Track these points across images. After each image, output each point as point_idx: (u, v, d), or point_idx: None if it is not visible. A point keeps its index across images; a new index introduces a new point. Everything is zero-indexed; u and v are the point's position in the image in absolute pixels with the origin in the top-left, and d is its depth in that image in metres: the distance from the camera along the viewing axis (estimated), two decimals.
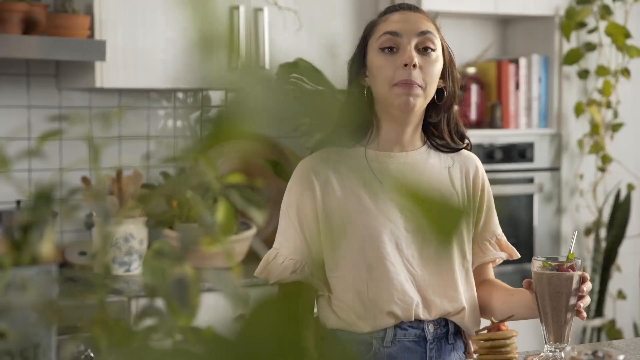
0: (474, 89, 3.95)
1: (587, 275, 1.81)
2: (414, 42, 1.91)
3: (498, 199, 3.86)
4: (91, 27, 3.25)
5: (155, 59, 3.38)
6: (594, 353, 1.30)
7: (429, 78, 1.91)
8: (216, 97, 3.81)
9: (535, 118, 4.01)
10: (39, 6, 3.20)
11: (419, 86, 1.89)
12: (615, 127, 4.05)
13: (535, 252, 3.96)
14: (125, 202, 3.40)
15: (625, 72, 4.00)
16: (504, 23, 4.22)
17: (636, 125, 4.20)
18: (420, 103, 1.92)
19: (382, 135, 1.98)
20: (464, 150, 2.04)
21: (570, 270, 1.78)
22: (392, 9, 1.99)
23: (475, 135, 3.83)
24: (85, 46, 3.14)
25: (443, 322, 1.95)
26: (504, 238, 2.06)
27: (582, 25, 3.98)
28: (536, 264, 1.81)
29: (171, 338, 0.83)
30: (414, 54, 1.90)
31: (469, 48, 4.12)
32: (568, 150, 4.03)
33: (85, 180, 3.38)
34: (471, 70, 3.98)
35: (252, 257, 3.50)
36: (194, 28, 0.55)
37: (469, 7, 3.81)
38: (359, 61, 1.98)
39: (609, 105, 4.03)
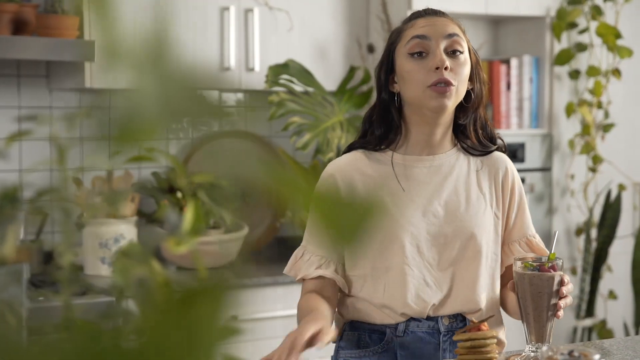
0: None
1: (567, 277, 1.82)
2: (442, 45, 1.93)
3: None
4: (80, 28, 3.26)
5: None
6: (570, 353, 1.30)
7: (460, 79, 1.93)
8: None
9: (527, 118, 4.02)
10: (28, 6, 3.20)
11: (453, 85, 1.91)
12: (607, 128, 4.05)
13: None
14: (116, 203, 3.39)
15: (616, 72, 4.01)
16: (496, 23, 4.22)
17: (627, 126, 4.20)
18: (453, 103, 1.94)
19: (411, 139, 2.00)
20: (496, 152, 2.06)
21: (551, 270, 1.78)
22: (417, 15, 2.01)
23: None
24: (74, 46, 3.14)
25: (460, 317, 1.97)
26: (535, 239, 2.06)
27: (573, 25, 3.98)
28: (518, 265, 1.81)
29: (140, 338, 0.83)
30: (444, 57, 1.92)
31: None
32: (559, 151, 4.04)
33: (76, 180, 3.39)
34: None
35: (242, 258, 3.51)
36: (98, 32, 0.55)
37: (459, 7, 3.81)
38: (387, 67, 2.00)
39: (599, 105, 4.04)
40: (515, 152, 3.92)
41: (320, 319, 1.78)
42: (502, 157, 2.07)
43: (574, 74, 4.01)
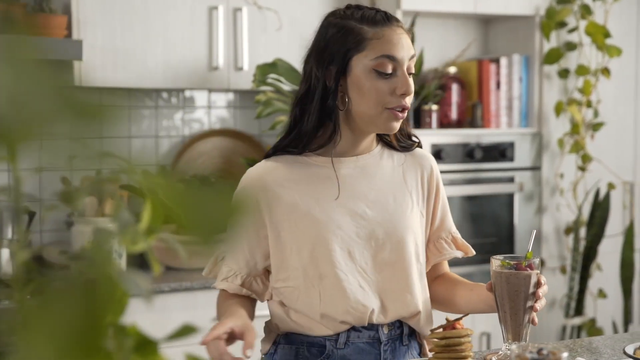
0: (454, 88, 3.96)
1: (543, 278, 1.82)
2: (405, 67, 1.87)
3: (479, 198, 3.88)
4: (69, 27, 3.26)
5: (133, 58, 3.39)
6: (539, 351, 1.30)
7: (411, 99, 1.89)
8: (201, 97, 3.82)
9: (516, 117, 4.02)
10: (17, 6, 3.20)
11: (408, 109, 1.88)
12: (596, 127, 4.06)
13: (516, 251, 3.97)
14: (104, 201, 3.41)
15: (606, 71, 4.01)
16: (486, 23, 4.23)
17: (617, 125, 4.21)
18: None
19: (343, 141, 1.92)
20: (418, 150, 2.02)
21: (528, 269, 1.79)
22: (380, 21, 1.87)
23: (456, 135, 3.84)
24: (62, 46, 3.15)
25: (397, 324, 1.94)
26: (459, 236, 2.05)
27: (562, 24, 3.99)
28: (495, 263, 1.82)
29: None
30: (410, 82, 1.86)
31: (450, 47, 4.13)
32: (549, 150, 4.05)
33: (64, 180, 3.39)
34: (452, 69, 3.98)
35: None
36: None
37: (448, 6, 3.82)
38: (340, 71, 1.85)
39: (589, 104, 4.04)
40: (504, 151, 3.93)
41: (238, 319, 1.77)
42: (427, 155, 2.03)
43: (564, 73, 4.01)
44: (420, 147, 2.03)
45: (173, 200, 0.57)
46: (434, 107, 3.85)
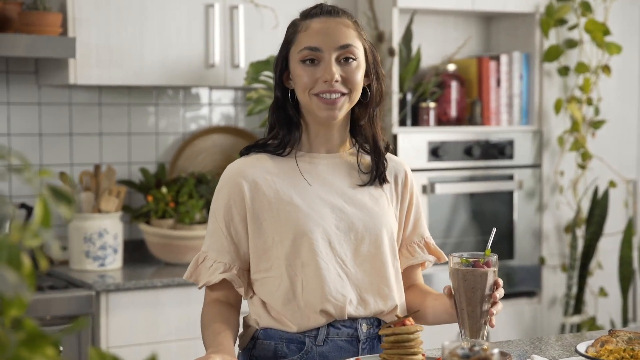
0: (454, 85, 3.95)
1: (501, 281, 1.82)
2: (334, 55, 1.91)
3: (478, 195, 3.87)
4: (64, 25, 3.30)
5: (129, 55, 3.42)
6: (471, 347, 1.31)
7: (352, 85, 1.92)
8: (204, 94, 3.86)
9: (517, 115, 4.01)
10: (12, 4, 3.25)
11: (343, 94, 1.91)
12: (597, 124, 4.04)
13: (515, 249, 3.96)
14: (101, 197, 3.45)
15: (606, 69, 3.99)
16: (487, 20, 4.22)
17: (619, 122, 4.18)
18: (344, 111, 1.94)
19: (310, 136, 1.99)
20: (393, 157, 2.06)
21: (485, 266, 1.80)
22: (313, 13, 1.97)
23: (455, 132, 3.84)
24: (57, 43, 3.19)
25: (376, 323, 1.96)
26: (432, 241, 2.07)
27: (562, 22, 3.97)
28: (453, 260, 1.83)
29: None
30: (335, 69, 1.90)
31: (451, 45, 4.13)
32: (549, 147, 4.03)
33: (62, 175, 3.43)
34: (451, 67, 3.98)
35: None
36: None
37: (446, 4, 3.81)
38: (282, 63, 1.98)
39: (589, 102, 4.02)
40: (504, 149, 3.92)
41: (224, 353, 1.79)
42: (402, 162, 2.07)
43: (564, 71, 4.00)
44: (390, 151, 2.06)
45: None
46: (432, 104, 3.84)
